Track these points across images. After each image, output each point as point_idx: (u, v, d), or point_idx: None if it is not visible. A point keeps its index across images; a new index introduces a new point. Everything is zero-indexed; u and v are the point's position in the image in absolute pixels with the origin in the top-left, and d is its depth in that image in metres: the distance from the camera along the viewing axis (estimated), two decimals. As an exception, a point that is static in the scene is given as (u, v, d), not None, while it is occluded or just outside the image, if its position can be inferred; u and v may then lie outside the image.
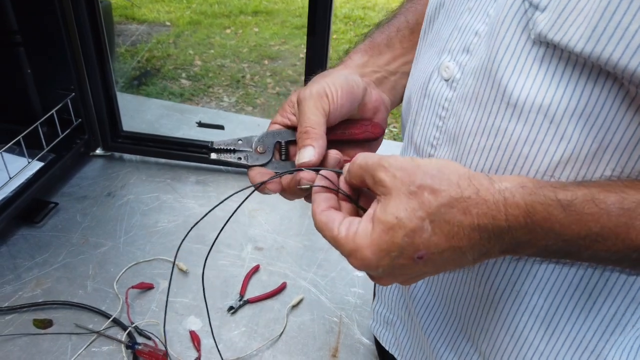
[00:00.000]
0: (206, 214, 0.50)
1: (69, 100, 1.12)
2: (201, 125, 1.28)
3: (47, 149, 1.07)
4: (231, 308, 0.90)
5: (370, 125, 0.56)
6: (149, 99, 2.40)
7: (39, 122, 1.03)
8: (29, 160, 1.05)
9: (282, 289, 0.95)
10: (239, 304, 0.91)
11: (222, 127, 1.28)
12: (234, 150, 0.54)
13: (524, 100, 0.42)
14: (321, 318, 0.90)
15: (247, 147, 0.54)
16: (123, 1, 4.12)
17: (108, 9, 2.67)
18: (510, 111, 0.43)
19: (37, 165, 1.07)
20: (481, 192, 0.39)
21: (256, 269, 0.99)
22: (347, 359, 0.84)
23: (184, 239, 0.53)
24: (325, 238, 0.45)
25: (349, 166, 0.47)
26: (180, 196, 1.16)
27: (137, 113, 1.45)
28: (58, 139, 1.10)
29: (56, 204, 1.09)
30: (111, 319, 0.85)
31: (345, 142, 0.56)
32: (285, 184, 0.52)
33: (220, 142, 0.54)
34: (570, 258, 0.40)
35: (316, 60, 1.07)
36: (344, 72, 0.55)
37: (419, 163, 0.41)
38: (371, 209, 0.43)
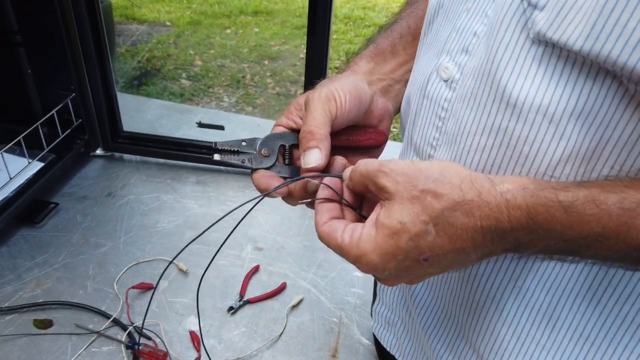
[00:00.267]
0: (215, 223, 0.48)
1: (69, 101, 1.12)
2: (201, 125, 1.28)
3: (48, 149, 1.07)
4: (231, 308, 0.90)
5: (375, 133, 0.57)
6: (149, 99, 2.40)
7: (39, 123, 1.03)
8: (29, 160, 1.05)
9: (282, 289, 0.95)
10: (238, 304, 0.91)
11: (222, 128, 1.28)
12: (238, 152, 0.54)
13: (523, 100, 0.42)
14: (321, 318, 0.90)
15: (251, 149, 0.54)
16: (123, 1, 4.12)
17: (108, 9, 2.67)
18: (510, 111, 0.43)
19: (38, 165, 1.07)
20: (483, 195, 0.39)
21: (256, 269, 0.99)
22: (347, 359, 0.84)
23: (189, 244, 0.52)
24: (330, 248, 0.45)
25: (350, 174, 0.47)
26: (180, 196, 1.16)
27: (137, 113, 1.45)
28: (58, 139, 1.10)
29: (56, 204, 1.09)
30: (111, 319, 0.85)
31: (349, 149, 0.56)
32: (292, 189, 0.52)
33: (224, 143, 0.53)
34: (572, 256, 0.41)
35: (316, 61, 1.07)
36: (353, 78, 0.55)
37: (420, 167, 0.41)
38: (374, 213, 0.43)
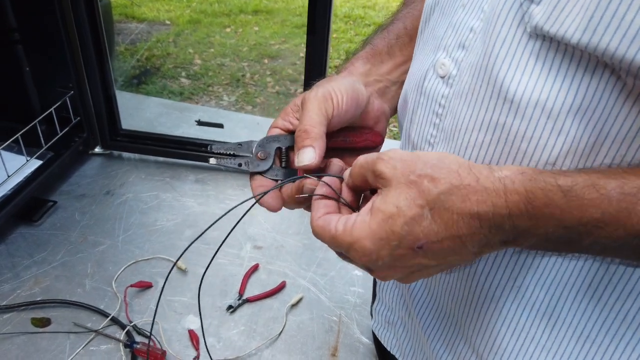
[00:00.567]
0: (212, 224, 0.48)
1: (67, 99, 1.12)
2: (201, 123, 1.28)
3: (46, 147, 1.07)
4: (230, 307, 0.90)
5: (371, 134, 0.56)
6: (149, 97, 2.40)
7: (38, 120, 1.03)
8: (28, 158, 1.05)
9: (282, 288, 0.95)
10: (238, 303, 0.91)
11: (222, 126, 1.28)
12: (234, 155, 0.53)
13: (521, 95, 0.41)
14: (320, 317, 0.90)
15: (247, 152, 0.53)
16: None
17: (107, 7, 2.66)
18: (507, 106, 0.42)
19: (36, 163, 1.07)
20: (481, 180, 0.39)
21: (255, 268, 0.98)
22: (347, 358, 0.84)
23: (190, 245, 0.51)
24: (325, 241, 0.44)
25: (350, 170, 0.46)
26: (179, 195, 1.16)
27: (137, 111, 1.45)
28: (57, 137, 1.10)
29: (55, 203, 1.09)
30: (110, 317, 0.85)
31: (344, 150, 0.55)
32: (288, 193, 0.51)
33: (220, 147, 0.53)
34: (571, 247, 0.40)
35: (316, 60, 1.06)
36: (350, 79, 0.54)
37: (419, 154, 0.41)
38: (370, 202, 0.42)
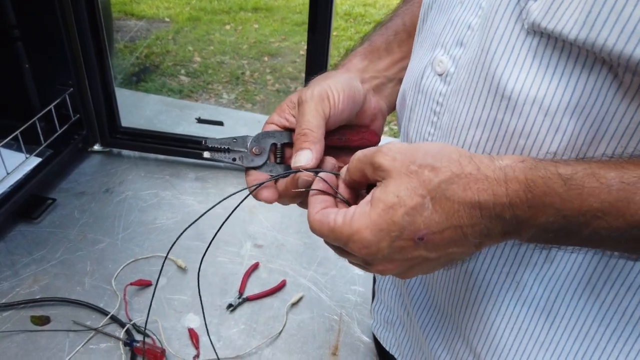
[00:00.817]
0: (202, 215, 0.49)
1: (67, 96, 1.12)
2: (200, 121, 1.28)
3: (45, 145, 1.07)
4: (230, 306, 0.90)
5: (367, 133, 0.56)
6: (148, 94, 2.39)
7: (37, 118, 1.03)
8: (27, 155, 1.04)
9: (282, 286, 0.94)
10: (238, 301, 0.90)
11: (222, 123, 1.27)
12: (228, 150, 0.53)
13: (519, 93, 0.41)
14: (321, 316, 0.90)
15: (242, 147, 0.53)
16: (122, -3, 4.11)
17: (107, 4, 2.65)
18: (505, 103, 0.42)
19: (35, 160, 1.06)
20: (482, 169, 0.39)
21: (255, 267, 0.98)
22: (347, 357, 0.83)
23: (178, 237, 0.52)
24: (323, 235, 0.44)
25: (347, 165, 0.46)
26: (179, 193, 1.15)
27: (136, 109, 1.44)
28: (56, 135, 1.10)
29: (54, 200, 1.09)
30: (109, 315, 0.85)
31: (340, 149, 0.55)
32: (282, 188, 0.51)
33: (214, 141, 0.52)
34: (570, 239, 0.40)
35: (317, 58, 1.06)
36: (346, 76, 0.54)
37: (419, 145, 0.41)
38: (369, 195, 0.42)
